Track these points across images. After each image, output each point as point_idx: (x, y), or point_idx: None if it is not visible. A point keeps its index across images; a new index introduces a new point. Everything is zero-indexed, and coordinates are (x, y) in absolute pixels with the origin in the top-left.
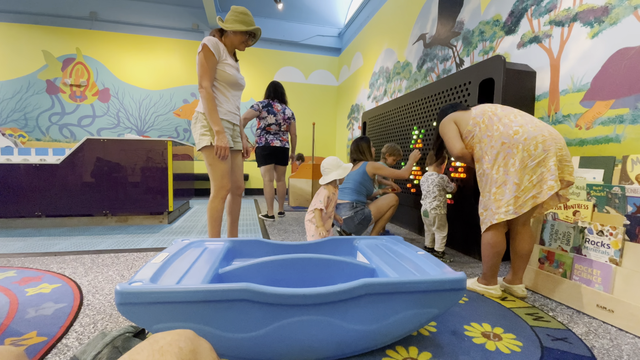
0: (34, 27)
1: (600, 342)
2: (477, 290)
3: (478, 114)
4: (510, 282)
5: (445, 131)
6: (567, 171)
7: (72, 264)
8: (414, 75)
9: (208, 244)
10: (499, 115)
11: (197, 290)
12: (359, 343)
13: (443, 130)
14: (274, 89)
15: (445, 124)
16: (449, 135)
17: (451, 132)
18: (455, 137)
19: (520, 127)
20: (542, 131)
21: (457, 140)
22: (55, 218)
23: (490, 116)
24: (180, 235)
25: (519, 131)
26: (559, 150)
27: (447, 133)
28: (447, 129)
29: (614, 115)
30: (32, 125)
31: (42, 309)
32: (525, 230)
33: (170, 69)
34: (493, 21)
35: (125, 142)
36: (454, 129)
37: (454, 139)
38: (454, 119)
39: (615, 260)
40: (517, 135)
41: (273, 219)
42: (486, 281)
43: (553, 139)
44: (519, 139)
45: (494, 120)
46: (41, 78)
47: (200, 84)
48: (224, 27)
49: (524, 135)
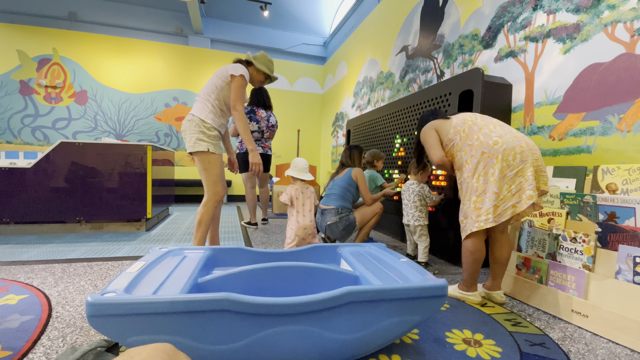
0: (9, 25)
1: (576, 346)
2: (457, 296)
3: (459, 122)
4: (489, 289)
5: (426, 139)
6: (542, 180)
7: (41, 274)
8: (396, 85)
9: (187, 252)
10: (479, 124)
11: (174, 300)
12: (342, 352)
13: (424, 137)
14: (258, 95)
15: (426, 131)
16: (430, 142)
17: (432, 139)
18: (435, 145)
19: (499, 138)
20: (519, 142)
21: (437, 148)
22: (24, 225)
23: (471, 125)
24: (159, 243)
25: (499, 141)
26: (535, 160)
27: (427, 140)
28: (428, 136)
29: (584, 127)
30: (3, 127)
31: (8, 322)
32: (504, 238)
33: (151, 73)
34: (472, 35)
35: (102, 146)
36: (435, 137)
37: (434, 147)
38: (435, 127)
39: (588, 266)
40: (497, 145)
41: (256, 227)
42: (466, 287)
43: (530, 150)
44: (498, 149)
45: (474, 129)
46: (14, 78)
47: (234, 107)
48: (255, 64)
49: (503, 146)
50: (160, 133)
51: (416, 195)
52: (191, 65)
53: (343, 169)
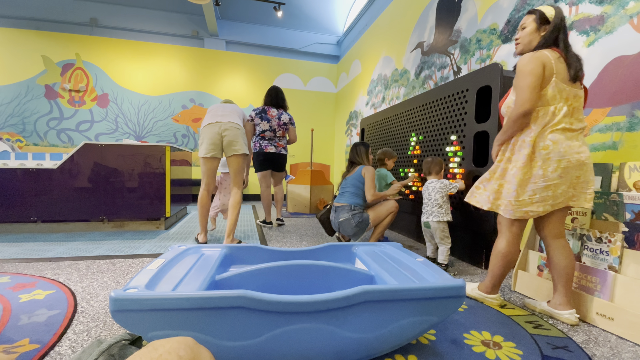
0: (34, 32)
1: (601, 350)
2: (475, 296)
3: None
4: (555, 307)
5: (526, 73)
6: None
7: (66, 270)
8: (411, 82)
9: (204, 250)
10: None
11: (193, 297)
12: (357, 351)
13: (525, 69)
14: (269, 94)
15: (531, 61)
16: (529, 81)
17: (533, 78)
18: (536, 86)
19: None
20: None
21: (536, 91)
22: (51, 223)
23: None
24: (177, 241)
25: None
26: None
27: (528, 77)
28: (530, 71)
29: (610, 123)
30: (30, 130)
31: (36, 316)
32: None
33: (169, 75)
34: (490, 30)
35: (123, 147)
36: (540, 75)
37: (533, 88)
38: (545, 62)
39: (614, 267)
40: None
41: (271, 225)
42: (487, 289)
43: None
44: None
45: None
46: (40, 83)
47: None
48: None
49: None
50: (178, 134)
51: (437, 192)
52: (207, 67)
53: (353, 166)
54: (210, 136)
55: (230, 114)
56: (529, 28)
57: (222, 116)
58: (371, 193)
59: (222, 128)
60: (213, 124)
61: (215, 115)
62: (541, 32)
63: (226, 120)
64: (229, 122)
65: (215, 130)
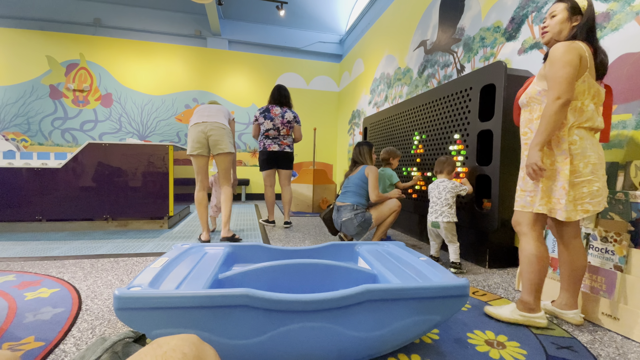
0: (39, 32)
1: (606, 350)
2: (518, 320)
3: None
4: (561, 307)
5: (564, 63)
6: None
7: (71, 269)
8: (414, 81)
9: (207, 249)
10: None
11: (196, 295)
12: (360, 350)
13: (564, 58)
14: (273, 93)
15: (570, 50)
16: (568, 72)
17: (571, 69)
18: (574, 79)
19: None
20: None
21: (573, 83)
22: (55, 222)
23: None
24: (181, 240)
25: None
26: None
27: (566, 67)
28: (570, 61)
29: (616, 121)
30: (35, 129)
31: (41, 314)
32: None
33: (172, 75)
34: (494, 27)
35: (127, 147)
36: (576, 66)
37: (570, 81)
38: (581, 53)
39: (620, 267)
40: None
41: (273, 224)
42: (529, 308)
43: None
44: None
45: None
46: (44, 83)
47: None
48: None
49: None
50: (181, 133)
51: (448, 192)
52: (210, 67)
53: (356, 166)
54: (195, 135)
55: (216, 114)
56: (560, 16)
57: (208, 116)
58: (375, 194)
59: (207, 128)
60: (199, 124)
61: (201, 116)
62: (572, 22)
63: (212, 120)
64: (214, 122)
65: (201, 129)
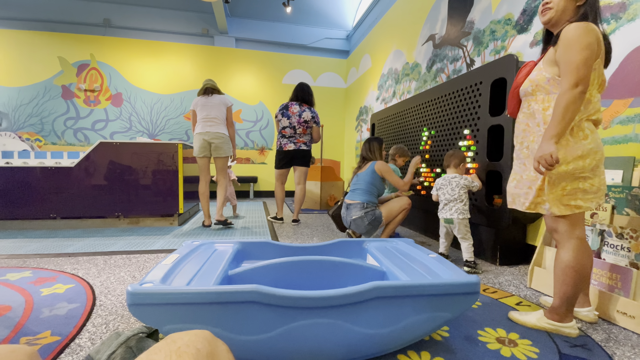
0: (50, 34)
1: (622, 349)
2: (546, 328)
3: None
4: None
5: (584, 46)
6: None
7: (85, 265)
8: (423, 76)
9: (217, 246)
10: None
11: (207, 291)
12: (369, 347)
13: (582, 41)
14: (295, 90)
15: (588, 33)
16: (586, 56)
17: (590, 53)
18: (591, 64)
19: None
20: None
21: (590, 68)
22: (69, 220)
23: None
24: (191, 237)
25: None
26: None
27: (585, 51)
28: (588, 45)
29: (633, 114)
30: (48, 129)
31: (56, 309)
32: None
33: (180, 73)
34: (504, 20)
35: (137, 145)
36: (594, 51)
37: (590, 65)
38: (599, 38)
39: (635, 264)
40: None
41: (282, 221)
42: (559, 316)
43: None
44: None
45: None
46: (57, 84)
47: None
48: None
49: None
50: (189, 132)
51: (462, 188)
52: (217, 65)
53: (365, 162)
54: (200, 142)
55: (217, 124)
56: None
57: (211, 126)
58: (401, 184)
59: (210, 137)
60: (203, 133)
61: (205, 126)
62: (577, 1)
63: (214, 130)
64: (216, 132)
65: (205, 138)
